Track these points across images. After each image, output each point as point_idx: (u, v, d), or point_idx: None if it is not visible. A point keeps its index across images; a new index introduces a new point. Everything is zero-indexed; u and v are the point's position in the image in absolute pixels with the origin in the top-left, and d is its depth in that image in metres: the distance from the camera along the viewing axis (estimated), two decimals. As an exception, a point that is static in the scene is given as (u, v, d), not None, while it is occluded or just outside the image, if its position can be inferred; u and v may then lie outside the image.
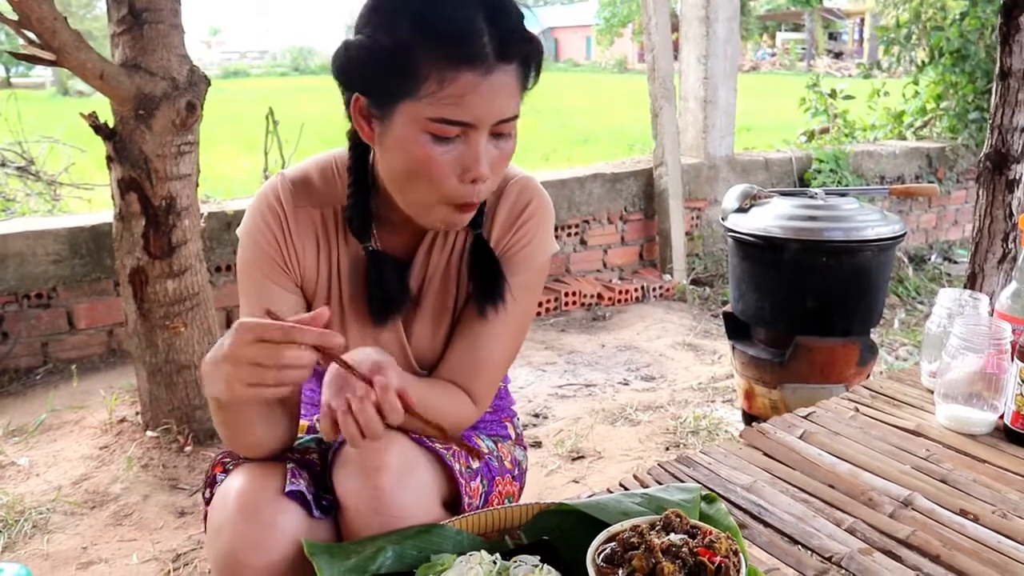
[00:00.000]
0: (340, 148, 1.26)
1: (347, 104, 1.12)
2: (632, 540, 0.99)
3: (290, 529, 1.10)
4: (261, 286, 1.20)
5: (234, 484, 1.13)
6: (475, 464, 1.27)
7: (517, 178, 1.28)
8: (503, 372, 1.31)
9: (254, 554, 1.07)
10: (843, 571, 1.10)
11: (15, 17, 2.28)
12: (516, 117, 1.09)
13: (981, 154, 2.79)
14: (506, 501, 1.36)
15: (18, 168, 4.97)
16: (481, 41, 1.01)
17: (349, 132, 1.18)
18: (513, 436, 1.50)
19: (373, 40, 1.04)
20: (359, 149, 1.20)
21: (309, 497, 1.13)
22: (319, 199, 1.22)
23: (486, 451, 1.35)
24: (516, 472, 1.42)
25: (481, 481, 1.28)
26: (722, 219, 2.86)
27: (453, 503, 1.21)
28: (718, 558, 0.95)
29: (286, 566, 1.08)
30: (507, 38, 1.03)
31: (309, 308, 1.25)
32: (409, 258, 1.27)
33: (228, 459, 1.22)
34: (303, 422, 1.36)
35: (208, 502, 1.20)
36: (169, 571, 2.16)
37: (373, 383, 1.00)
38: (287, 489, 1.12)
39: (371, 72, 1.05)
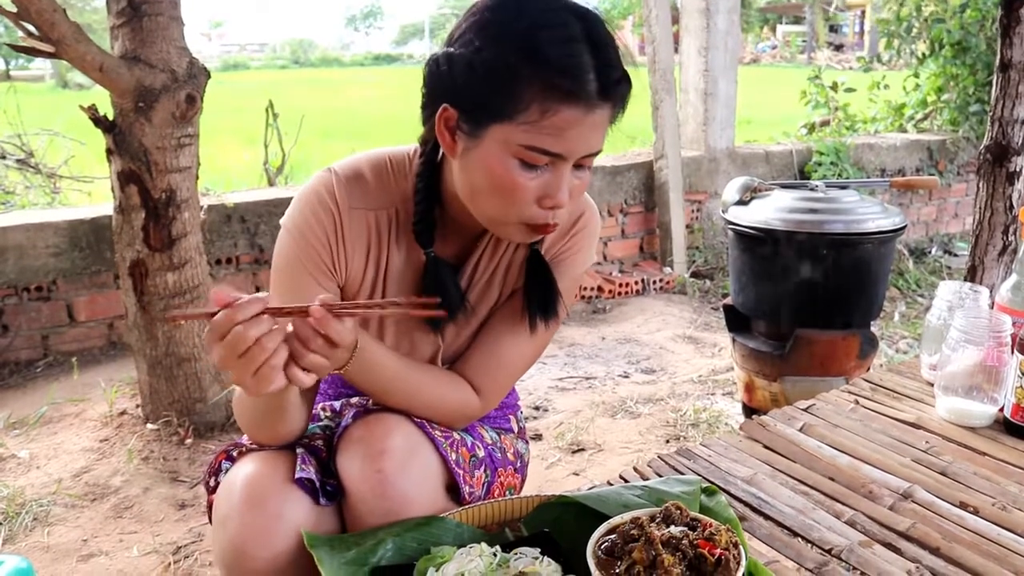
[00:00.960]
0: (390, 148, 1.25)
1: (429, 112, 1.10)
2: (632, 532, 0.99)
3: (296, 519, 1.10)
4: (303, 283, 1.18)
5: (240, 474, 1.13)
6: (466, 441, 1.28)
7: None
8: (519, 375, 1.32)
9: (260, 545, 1.07)
10: (843, 563, 1.10)
11: (14, 9, 2.28)
12: (600, 151, 1.10)
13: (982, 146, 2.79)
14: (507, 492, 1.37)
15: (18, 161, 4.95)
16: (588, 78, 1.01)
17: (423, 138, 1.18)
18: (516, 429, 1.51)
19: (477, 57, 1.03)
20: (431, 156, 1.19)
21: (317, 484, 1.14)
22: (373, 201, 1.20)
23: (490, 441, 1.35)
24: (518, 464, 1.43)
25: (484, 471, 1.28)
26: (722, 212, 2.86)
27: (455, 488, 1.21)
28: (718, 550, 0.96)
29: (292, 556, 1.08)
30: (610, 77, 1.03)
31: None
32: (460, 263, 1.27)
33: (233, 448, 1.22)
34: None
35: (212, 491, 1.21)
36: (169, 563, 2.17)
37: (309, 312, 0.98)
38: (297, 476, 1.13)
39: (471, 89, 1.04)
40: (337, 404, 1.37)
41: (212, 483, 1.22)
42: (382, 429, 1.14)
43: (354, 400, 1.37)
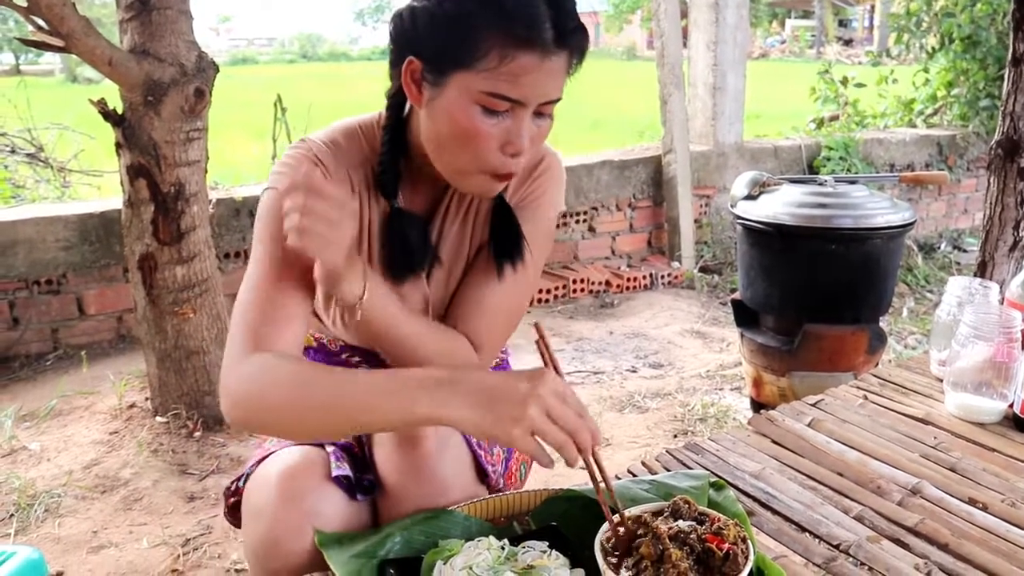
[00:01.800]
0: (360, 115, 1.29)
1: (396, 65, 1.14)
2: (639, 532, 0.99)
3: (331, 514, 1.12)
4: None
5: (276, 469, 1.14)
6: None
7: None
8: (510, 322, 1.32)
9: (296, 539, 1.09)
10: (851, 559, 1.10)
11: (24, 4, 2.28)
12: (559, 100, 1.13)
13: (992, 141, 2.77)
14: (522, 467, 1.42)
15: (28, 155, 4.98)
16: (544, 26, 1.04)
17: (389, 92, 1.21)
18: None
19: (439, 8, 1.07)
20: (397, 110, 1.22)
21: (353, 480, 1.16)
22: (350, 161, 1.23)
23: None
24: None
25: (502, 448, 1.32)
26: (731, 206, 2.86)
27: (480, 472, 1.25)
28: (726, 545, 0.96)
29: None
30: (565, 25, 1.06)
31: None
32: (430, 215, 1.30)
33: (265, 458, 1.23)
34: None
35: (234, 494, 1.25)
36: (178, 555, 2.18)
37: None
38: (334, 474, 1.14)
39: (432, 38, 1.08)
40: None
41: (242, 483, 1.24)
42: None
43: None
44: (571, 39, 1.08)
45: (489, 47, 1.04)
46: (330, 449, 1.19)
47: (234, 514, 1.29)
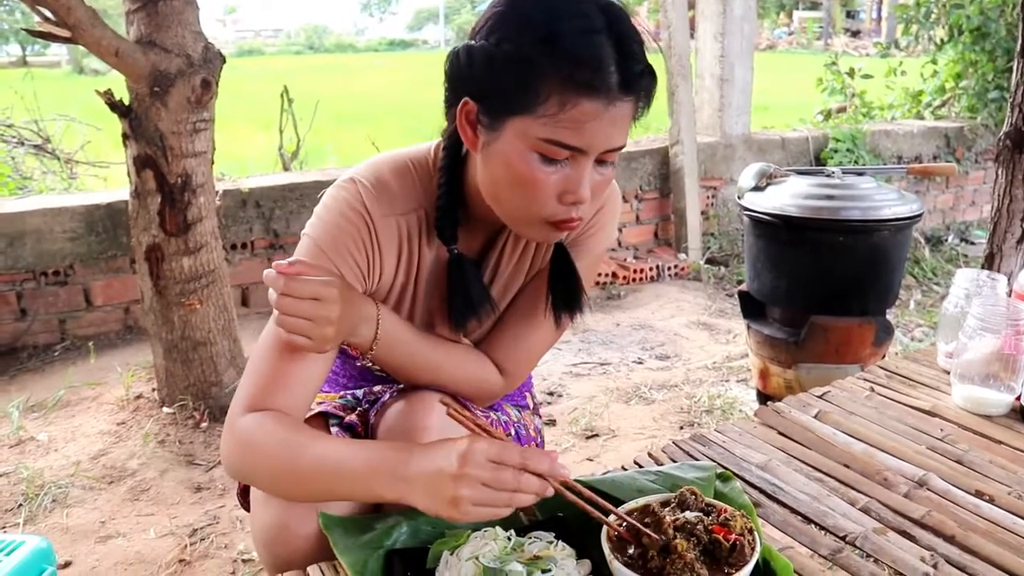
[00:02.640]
0: (409, 149, 1.24)
1: (451, 106, 1.09)
2: (645, 521, 0.99)
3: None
4: None
5: None
6: (500, 420, 1.33)
7: None
8: (542, 354, 1.34)
9: (303, 524, 1.09)
10: (857, 550, 1.10)
11: (31, -6, 2.28)
12: (623, 147, 1.08)
13: (1001, 133, 2.76)
14: None
15: (35, 146, 4.98)
16: (609, 70, 0.99)
17: (446, 132, 1.17)
18: (531, 406, 1.54)
19: (498, 49, 1.02)
20: (454, 151, 1.17)
21: None
22: (401, 206, 1.18)
23: (515, 419, 1.39)
24: (539, 440, 1.47)
25: (511, 438, 1.32)
26: (738, 198, 2.85)
27: None
28: (733, 536, 0.96)
29: None
30: (631, 71, 1.01)
31: None
32: (482, 257, 1.28)
33: None
34: (332, 393, 1.39)
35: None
36: (185, 546, 2.19)
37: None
38: None
39: (490, 81, 1.03)
40: (359, 392, 1.39)
41: None
42: (422, 407, 1.17)
43: (376, 388, 1.37)
44: (638, 84, 1.02)
45: (549, 92, 0.99)
46: (335, 431, 1.20)
47: (245, 496, 1.30)
